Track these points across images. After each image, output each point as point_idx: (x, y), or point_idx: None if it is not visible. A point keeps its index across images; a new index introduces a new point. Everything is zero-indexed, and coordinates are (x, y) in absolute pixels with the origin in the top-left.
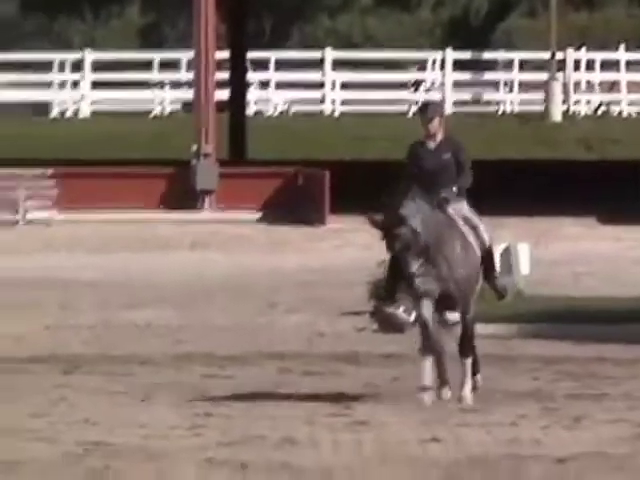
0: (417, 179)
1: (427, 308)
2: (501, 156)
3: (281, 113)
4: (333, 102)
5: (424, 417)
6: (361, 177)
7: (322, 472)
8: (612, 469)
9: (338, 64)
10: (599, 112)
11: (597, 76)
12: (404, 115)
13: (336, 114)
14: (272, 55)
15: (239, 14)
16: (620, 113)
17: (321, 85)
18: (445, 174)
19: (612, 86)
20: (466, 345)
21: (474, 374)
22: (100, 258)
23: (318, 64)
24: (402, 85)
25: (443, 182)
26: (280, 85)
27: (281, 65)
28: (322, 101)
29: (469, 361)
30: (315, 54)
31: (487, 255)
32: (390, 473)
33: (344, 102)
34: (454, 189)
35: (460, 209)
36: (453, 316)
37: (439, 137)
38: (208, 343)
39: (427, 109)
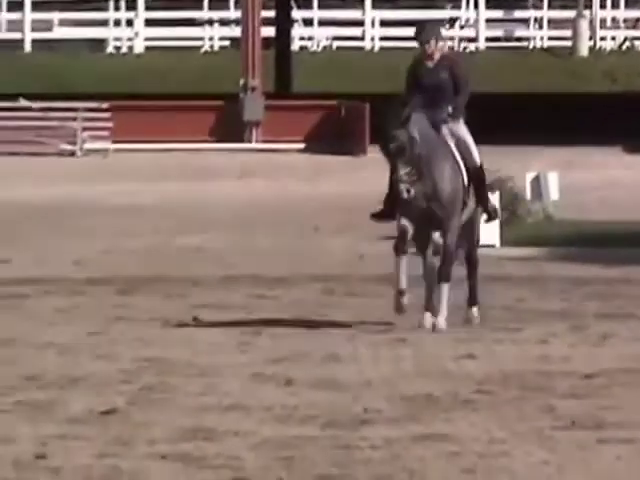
0: (417, 96)
1: (406, 222)
2: (532, 89)
3: (324, 49)
4: (372, 39)
5: (460, 335)
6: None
7: (362, 385)
8: (636, 383)
9: (377, 3)
10: (624, 47)
11: (622, 13)
12: None
13: (375, 50)
14: None
15: None
16: None
17: (361, 23)
18: (443, 92)
19: (636, 23)
20: (444, 269)
21: (471, 305)
22: (153, 186)
23: (359, 3)
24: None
25: (441, 100)
26: (323, 22)
27: (324, 3)
28: (362, 38)
29: (446, 287)
30: None
31: (477, 176)
32: (426, 385)
33: (383, 38)
34: (450, 108)
35: (456, 130)
36: (449, 235)
37: (436, 57)
38: (255, 266)
39: (424, 30)
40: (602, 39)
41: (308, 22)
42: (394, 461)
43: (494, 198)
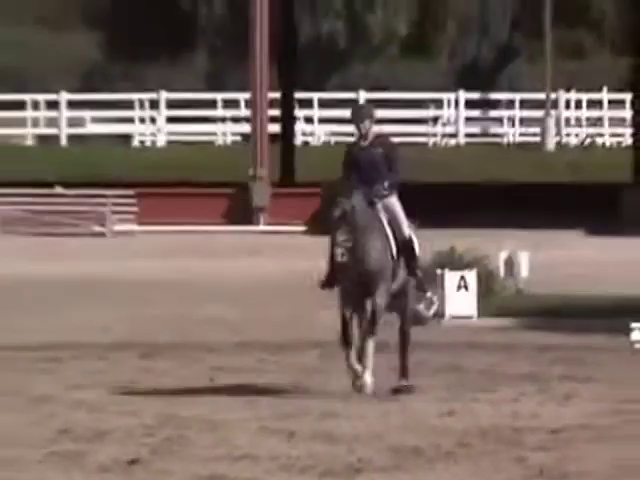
0: (354, 175)
1: (379, 295)
2: (505, 179)
3: (324, 143)
4: None
5: (441, 395)
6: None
7: (355, 438)
8: (596, 438)
9: (370, 103)
10: (586, 143)
11: (584, 113)
12: (425, 145)
13: None
14: (315, 95)
15: (288, 62)
16: (604, 144)
17: None
18: (376, 169)
19: (596, 121)
20: (370, 325)
21: (402, 376)
22: (173, 263)
23: (353, 102)
24: (423, 121)
25: (375, 176)
26: (322, 120)
27: (323, 103)
28: None
29: (371, 341)
30: (351, 94)
31: (406, 247)
32: (412, 439)
33: None
34: (385, 184)
35: (389, 205)
36: (378, 299)
37: (370, 136)
38: (264, 333)
39: (359, 112)
40: (567, 135)
41: (309, 120)
42: None
43: (471, 275)
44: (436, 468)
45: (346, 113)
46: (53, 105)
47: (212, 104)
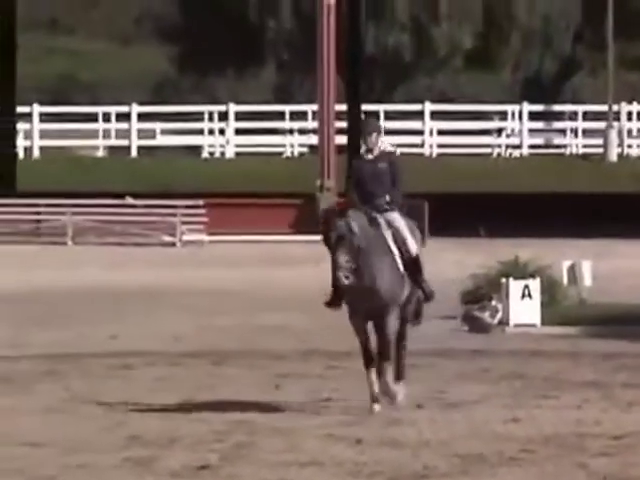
0: (357, 187)
1: (392, 313)
2: (568, 189)
3: None
4: (431, 146)
5: (506, 402)
6: (454, 206)
7: (421, 444)
8: None
9: (435, 115)
10: None
11: None
12: (489, 156)
13: (434, 155)
14: (381, 107)
15: (355, 74)
16: None
17: (421, 132)
18: (380, 182)
19: None
20: (384, 353)
21: (398, 379)
22: (242, 272)
23: (419, 115)
24: (487, 132)
25: (378, 189)
26: (388, 132)
27: (389, 115)
28: (422, 145)
29: (389, 365)
30: (416, 107)
31: (413, 264)
32: (476, 446)
33: (440, 146)
34: (387, 198)
35: (392, 220)
36: (391, 317)
37: (376, 150)
38: (328, 341)
39: (366, 126)
40: (629, 147)
41: None
42: None
43: (535, 284)
44: (499, 474)
45: (410, 124)
46: (124, 117)
47: (280, 116)
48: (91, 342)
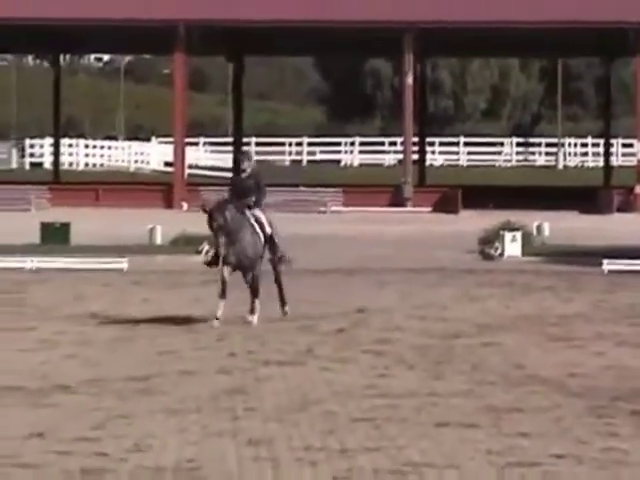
0: (233, 194)
1: (226, 271)
2: (539, 184)
3: (439, 166)
4: (463, 159)
5: (504, 297)
6: (476, 193)
7: (456, 320)
8: None
9: (466, 144)
10: None
11: None
12: (494, 166)
13: (465, 164)
14: (437, 139)
15: (422, 123)
16: None
17: (457, 152)
18: (248, 191)
19: None
20: (254, 291)
21: (283, 305)
22: (364, 226)
23: (456, 144)
24: (495, 153)
25: (247, 195)
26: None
27: (442, 143)
28: (458, 159)
29: (257, 301)
30: (453, 139)
31: (269, 240)
32: (488, 319)
33: (469, 160)
34: (253, 199)
35: (256, 213)
36: (255, 271)
37: (247, 172)
38: (408, 263)
39: (243, 157)
40: (568, 162)
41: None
42: None
43: (518, 234)
44: (500, 334)
45: (452, 148)
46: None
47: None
48: None
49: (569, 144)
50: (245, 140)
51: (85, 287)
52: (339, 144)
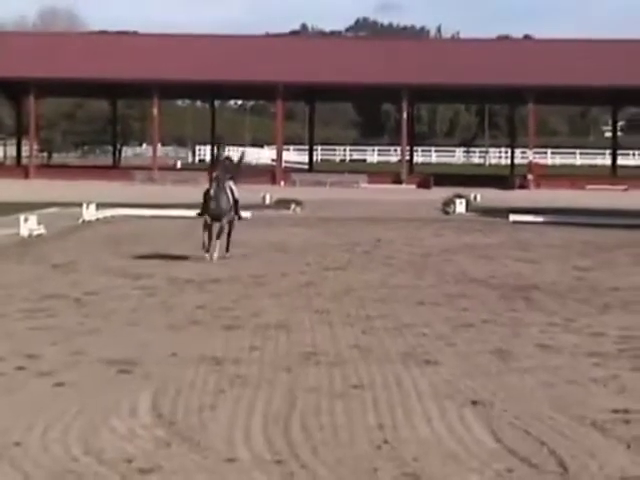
0: (215, 171)
1: (208, 219)
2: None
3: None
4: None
5: (458, 233)
6: (445, 178)
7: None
8: None
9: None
10: None
11: None
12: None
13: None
14: (420, 148)
15: (412, 139)
16: None
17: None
18: (226, 169)
19: None
20: (219, 235)
21: (227, 250)
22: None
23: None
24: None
25: (226, 171)
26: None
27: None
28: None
29: (218, 242)
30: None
31: (235, 202)
32: (455, 248)
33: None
34: (228, 177)
35: (230, 184)
36: (222, 222)
37: (223, 156)
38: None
39: (220, 145)
40: (492, 160)
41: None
42: None
43: (463, 200)
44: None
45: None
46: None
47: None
48: None
49: (492, 151)
50: (315, 147)
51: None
52: (366, 150)
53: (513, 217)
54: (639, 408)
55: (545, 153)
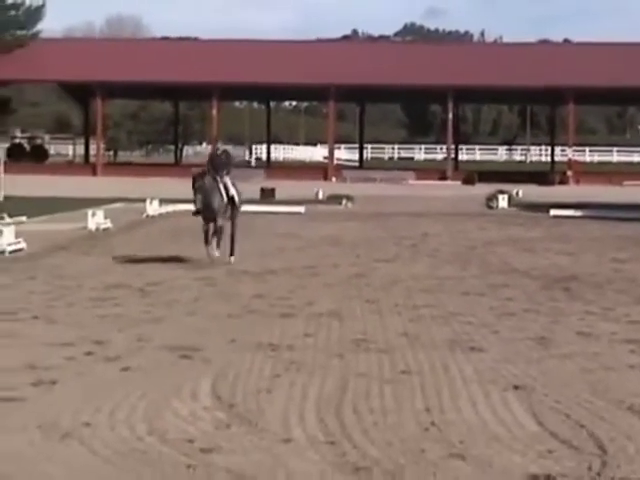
0: (211, 166)
1: (221, 219)
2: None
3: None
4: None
5: (499, 227)
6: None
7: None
8: None
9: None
10: None
11: None
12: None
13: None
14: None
15: (456, 137)
16: None
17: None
18: (222, 167)
19: None
20: (217, 234)
21: (231, 254)
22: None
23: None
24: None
25: (220, 167)
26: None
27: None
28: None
29: (215, 240)
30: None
31: (231, 199)
32: (486, 237)
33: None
34: (224, 172)
35: (226, 181)
36: (218, 222)
37: (220, 150)
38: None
39: (217, 144)
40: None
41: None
42: None
43: (506, 195)
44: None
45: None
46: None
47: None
48: None
49: (533, 149)
50: (364, 146)
51: (287, 219)
52: (413, 148)
53: (553, 212)
54: None
55: (584, 151)
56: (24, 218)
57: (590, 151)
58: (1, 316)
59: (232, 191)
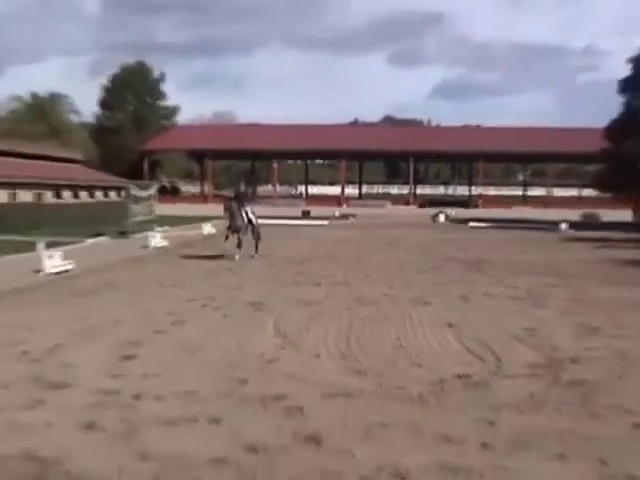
0: (236, 197)
1: (229, 232)
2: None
3: None
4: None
5: (437, 232)
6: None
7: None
8: None
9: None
10: None
11: None
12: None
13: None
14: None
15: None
16: None
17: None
18: (243, 196)
19: None
20: (239, 244)
21: (255, 252)
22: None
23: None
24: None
25: (243, 198)
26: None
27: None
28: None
29: (239, 250)
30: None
31: (249, 221)
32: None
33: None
34: (245, 203)
35: (247, 209)
36: (240, 234)
37: (242, 187)
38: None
39: (241, 181)
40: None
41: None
42: None
43: (443, 215)
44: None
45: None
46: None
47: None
48: None
49: (459, 187)
50: (362, 185)
51: (317, 229)
52: (390, 187)
53: (472, 224)
54: (526, 326)
55: (488, 188)
56: (167, 227)
57: (492, 188)
58: (155, 284)
59: (250, 216)
